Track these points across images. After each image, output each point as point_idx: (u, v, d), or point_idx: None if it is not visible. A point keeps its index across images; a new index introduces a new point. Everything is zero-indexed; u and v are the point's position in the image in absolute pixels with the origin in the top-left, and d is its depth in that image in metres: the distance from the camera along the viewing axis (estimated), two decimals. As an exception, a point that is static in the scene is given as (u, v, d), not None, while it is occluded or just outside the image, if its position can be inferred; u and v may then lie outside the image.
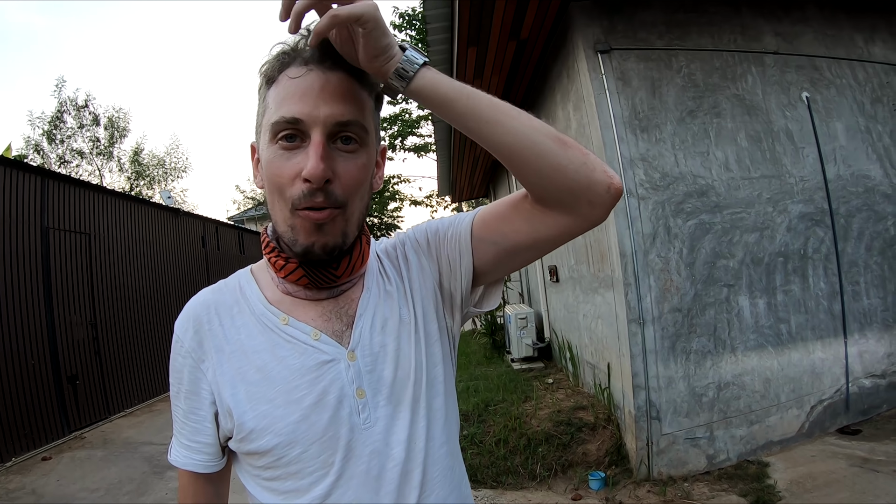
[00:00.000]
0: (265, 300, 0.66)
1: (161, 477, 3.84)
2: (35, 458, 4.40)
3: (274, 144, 0.59)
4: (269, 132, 0.59)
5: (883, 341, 3.54)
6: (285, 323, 0.64)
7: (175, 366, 0.66)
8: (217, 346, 0.64)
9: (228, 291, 0.68)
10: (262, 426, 0.60)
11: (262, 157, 0.62)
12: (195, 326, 0.65)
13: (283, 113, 0.57)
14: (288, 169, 0.58)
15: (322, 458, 0.60)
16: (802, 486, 2.77)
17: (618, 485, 3.00)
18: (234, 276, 0.71)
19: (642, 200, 3.04)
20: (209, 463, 0.66)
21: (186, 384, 0.65)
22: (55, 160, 15.05)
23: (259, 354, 0.63)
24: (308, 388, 0.61)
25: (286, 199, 0.58)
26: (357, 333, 0.65)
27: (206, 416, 0.64)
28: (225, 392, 0.62)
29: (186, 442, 0.66)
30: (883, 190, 3.65)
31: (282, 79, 0.59)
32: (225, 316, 0.65)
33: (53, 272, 4.97)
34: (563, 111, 3.85)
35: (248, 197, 22.12)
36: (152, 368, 6.49)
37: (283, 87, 0.59)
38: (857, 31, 3.80)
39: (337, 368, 0.62)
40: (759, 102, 3.37)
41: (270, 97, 0.60)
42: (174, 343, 0.66)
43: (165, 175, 17.67)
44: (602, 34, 3.14)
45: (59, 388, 4.88)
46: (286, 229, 0.60)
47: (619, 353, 3.18)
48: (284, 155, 0.58)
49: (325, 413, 0.60)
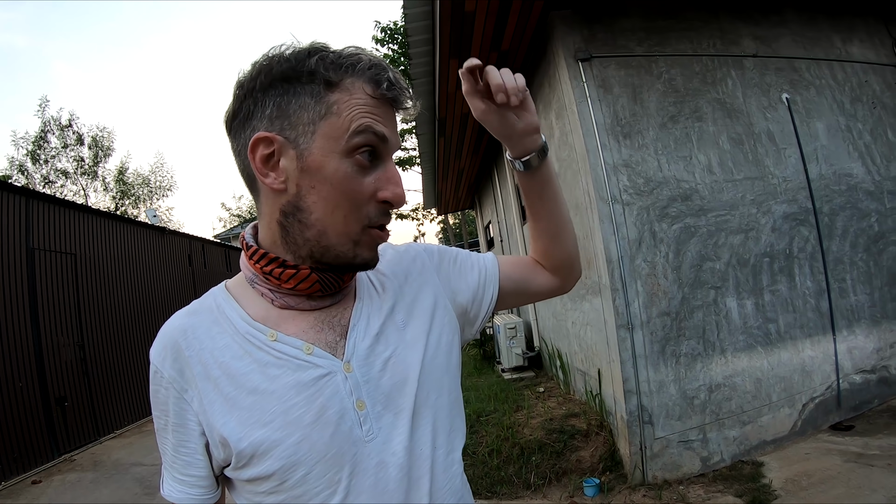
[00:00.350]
0: (248, 317, 0.62)
1: (152, 498, 3.79)
2: (25, 481, 4.33)
3: (350, 158, 0.57)
4: (346, 145, 0.56)
5: (871, 337, 3.57)
6: (273, 339, 0.60)
7: (158, 399, 0.61)
8: (202, 374, 0.59)
9: (205, 312, 0.64)
10: (262, 451, 0.57)
11: (322, 166, 0.57)
12: (174, 354, 0.60)
13: (374, 127, 0.57)
14: (367, 187, 0.58)
15: (328, 476, 0.57)
16: (798, 485, 2.78)
17: (613, 490, 2.99)
18: (208, 296, 0.67)
19: (627, 206, 3.06)
20: (205, 496, 0.63)
21: (172, 416, 0.61)
22: (39, 180, 14.98)
23: (248, 376, 0.58)
24: (306, 406, 0.58)
25: (360, 215, 0.58)
26: (352, 343, 0.62)
27: (196, 448, 0.61)
28: (216, 421, 0.58)
29: (180, 476, 0.62)
30: (865, 187, 3.69)
31: (354, 89, 0.57)
32: (205, 339, 0.61)
33: (39, 293, 4.92)
34: (545, 120, 3.87)
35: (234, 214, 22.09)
36: (141, 389, 6.43)
37: (365, 103, 0.57)
38: (834, 32, 3.86)
39: (334, 381, 0.59)
40: (740, 105, 3.40)
41: (338, 102, 0.56)
42: (153, 375, 0.61)
43: (150, 194, 17.65)
44: (582, 43, 3.16)
45: (48, 410, 4.82)
46: (346, 242, 0.59)
47: (608, 358, 3.18)
48: (361, 172, 0.58)
49: (327, 430, 0.58)
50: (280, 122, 0.57)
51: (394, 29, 12.33)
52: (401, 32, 11.89)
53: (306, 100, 0.57)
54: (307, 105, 0.57)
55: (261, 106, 0.58)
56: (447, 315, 0.71)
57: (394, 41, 12.37)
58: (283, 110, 0.57)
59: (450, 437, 0.66)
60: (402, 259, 0.75)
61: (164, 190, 18.00)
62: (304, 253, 0.60)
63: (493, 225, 8.49)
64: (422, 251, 0.77)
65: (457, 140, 5.86)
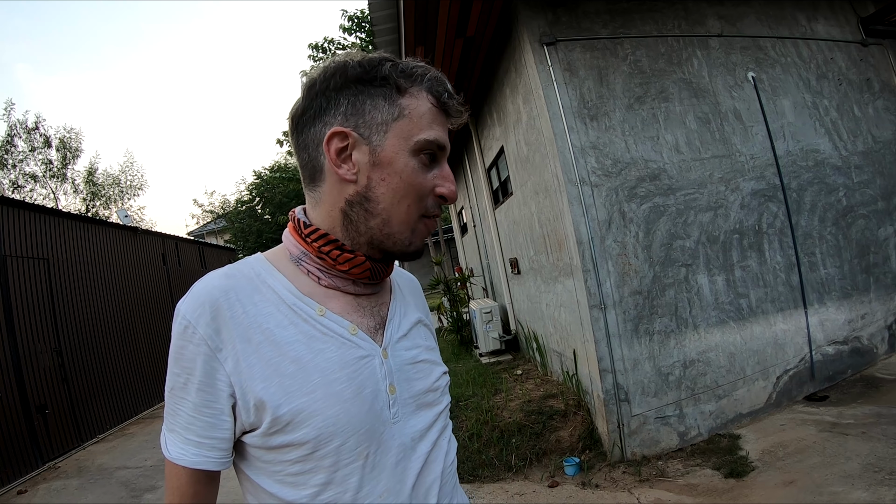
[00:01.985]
0: (295, 290, 0.65)
1: (139, 500, 3.76)
2: (10, 492, 4.27)
3: (415, 157, 0.64)
4: (414, 145, 0.64)
5: (842, 309, 3.64)
6: (322, 314, 0.64)
7: (183, 354, 0.60)
8: (242, 336, 0.60)
9: (243, 278, 0.64)
10: (300, 419, 0.59)
11: (392, 161, 0.64)
12: (212, 312, 0.60)
13: (438, 137, 0.65)
14: (428, 182, 0.66)
15: (358, 450, 0.61)
16: (774, 455, 2.83)
17: (593, 468, 3.03)
18: (244, 264, 0.68)
19: (595, 188, 3.08)
20: (223, 459, 0.62)
21: (199, 375, 0.59)
22: (8, 186, 14.67)
23: (293, 346, 0.61)
24: (347, 382, 0.62)
25: (420, 206, 0.66)
26: (389, 333, 0.70)
27: (223, 408, 0.60)
28: (254, 384, 0.59)
29: (197, 438, 0.60)
30: (833, 162, 3.76)
31: (420, 96, 0.65)
32: (247, 302, 0.62)
33: (14, 300, 4.84)
34: (513, 105, 3.88)
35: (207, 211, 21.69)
36: (121, 391, 6.37)
37: (429, 110, 0.65)
38: (798, 10, 3.91)
39: (372, 364, 0.65)
40: (706, 85, 3.44)
41: (409, 107, 0.64)
42: (182, 329, 0.60)
43: (122, 194, 17.29)
44: (547, 26, 3.17)
45: (29, 418, 4.75)
46: (405, 230, 0.66)
47: (583, 339, 3.21)
48: (424, 169, 0.65)
49: (363, 407, 0.62)
50: (355, 119, 0.64)
51: (361, 17, 12.36)
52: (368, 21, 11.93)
53: (380, 101, 0.64)
54: (380, 106, 0.64)
55: (334, 104, 0.64)
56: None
57: (361, 30, 12.40)
58: (358, 109, 0.64)
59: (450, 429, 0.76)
60: (418, 291, 0.86)
61: (136, 189, 17.67)
62: (362, 240, 0.66)
63: (465, 210, 8.52)
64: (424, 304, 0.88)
65: None
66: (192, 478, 0.61)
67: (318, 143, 0.65)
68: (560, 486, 2.93)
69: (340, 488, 0.60)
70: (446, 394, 0.76)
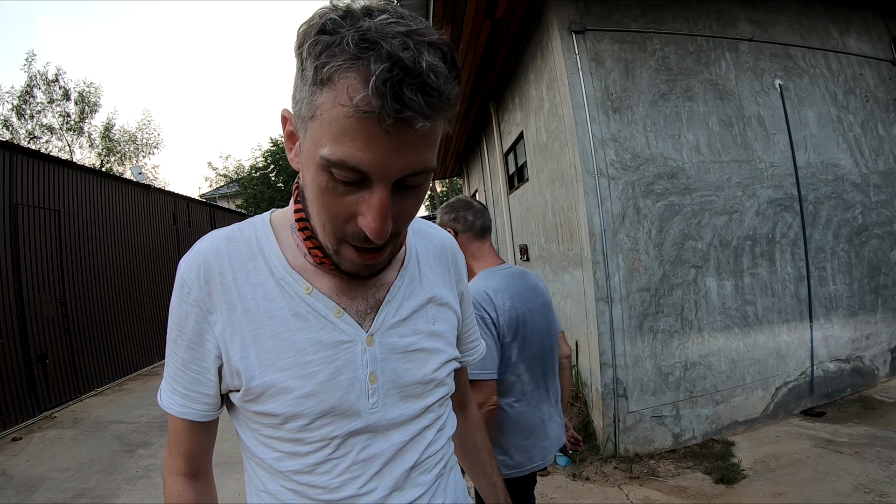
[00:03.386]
0: (286, 263, 0.62)
1: (131, 455, 3.80)
2: (5, 438, 4.33)
3: (325, 173, 0.49)
4: (321, 159, 0.48)
5: (848, 327, 3.62)
6: (308, 293, 0.61)
7: (178, 311, 0.61)
8: (229, 303, 0.60)
9: (244, 243, 0.63)
10: (270, 394, 0.59)
11: (306, 166, 0.52)
12: (206, 275, 0.60)
13: (343, 157, 0.46)
14: (343, 208, 0.51)
15: (323, 432, 0.60)
16: (766, 466, 2.82)
17: (584, 461, 3.03)
18: (249, 225, 0.65)
19: (612, 180, 3.06)
20: (207, 412, 0.64)
21: (190, 333, 0.61)
22: (24, 135, 14.70)
23: (275, 320, 0.60)
24: (322, 365, 0.60)
25: (336, 229, 0.54)
26: (380, 319, 0.64)
27: (208, 367, 0.61)
28: (234, 352, 0.59)
29: (183, 391, 0.63)
30: (852, 179, 3.72)
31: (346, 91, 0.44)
32: (239, 271, 0.61)
33: (22, 249, 4.87)
34: (536, 91, 3.86)
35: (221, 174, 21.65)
36: (122, 347, 6.41)
37: (345, 116, 0.45)
38: (831, 23, 3.86)
39: (353, 350, 0.61)
40: (732, 88, 3.40)
41: (325, 105, 0.46)
42: (179, 287, 0.61)
43: (136, 151, 17.29)
44: (577, 15, 3.14)
45: (29, 367, 4.80)
46: (329, 247, 0.57)
47: (586, 331, 3.21)
48: (338, 189, 0.50)
49: (335, 393, 0.60)
50: (294, 101, 0.51)
51: None
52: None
53: (303, 91, 0.48)
54: (302, 99, 0.49)
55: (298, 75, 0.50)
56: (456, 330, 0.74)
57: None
58: (294, 93, 0.51)
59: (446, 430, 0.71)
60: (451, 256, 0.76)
61: (151, 148, 17.71)
62: None
63: (479, 193, 8.50)
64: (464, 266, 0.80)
65: None
66: (187, 426, 0.65)
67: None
68: (550, 476, 2.94)
69: (302, 461, 0.61)
70: (445, 384, 0.69)
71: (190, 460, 0.67)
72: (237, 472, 3.07)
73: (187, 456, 0.67)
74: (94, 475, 3.48)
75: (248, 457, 0.67)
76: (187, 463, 0.67)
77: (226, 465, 3.21)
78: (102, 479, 3.41)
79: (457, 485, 0.74)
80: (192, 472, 0.67)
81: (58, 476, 3.50)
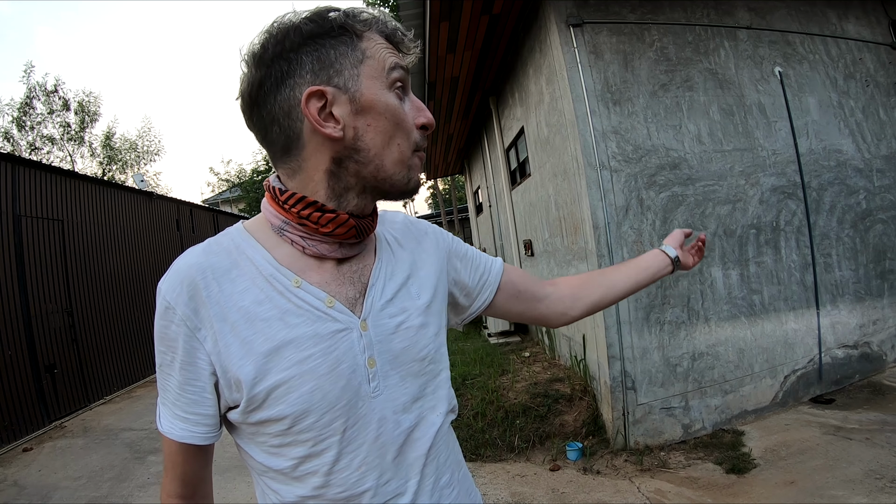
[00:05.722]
0: (273, 261, 0.63)
1: (142, 462, 3.81)
2: (16, 449, 4.34)
3: (391, 91, 0.63)
4: (388, 78, 0.62)
5: (855, 312, 3.61)
6: (297, 286, 0.62)
7: (166, 335, 0.61)
8: (219, 315, 0.60)
9: (223, 252, 0.63)
10: (275, 396, 0.59)
11: (374, 103, 0.61)
12: (190, 292, 0.60)
13: (399, 62, 0.63)
14: (409, 118, 0.64)
15: (334, 425, 0.61)
16: (777, 454, 2.82)
17: (595, 455, 3.03)
18: (224, 235, 0.66)
19: (615, 173, 3.06)
20: (208, 434, 0.64)
21: (181, 354, 0.61)
22: (26, 147, 14.72)
23: (268, 322, 0.60)
24: (322, 357, 0.60)
25: (411, 141, 0.64)
26: (370, 302, 0.66)
27: (204, 386, 0.61)
28: (231, 363, 0.59)
29: (182, 414, 0.63)
30: (855, 164, 3.70)
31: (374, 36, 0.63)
32: (224, 280, 0.61)
33: (27, 260, 4.89)
34: (535, 85, 3.85)
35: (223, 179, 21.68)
36: (130, 354, 6.43)
37: (385, 46, 0.63)
38: (830, 8, 3.84)
39: (350, 337, 0.62)
40: (732, 76, 3.39)
41: (368, 49, 0.62)
42: (163, 310, 0.61)
43: (138, 159, 17.31)
44: (574, 8, 3.13)
45: (38, 377, 4.82)
46: (401, 169, 0.64)
47: (593, 324, 3.20)
48: (401, 105, 0.63)
49: (339, 382, 0.61)
50: (325, 74, 0.60)
51: None
52: None
53: (344, 49, 0.61)
54: (346, 53, 0.61)
55: (297, 65, 0.59)
56: (444, 297, 0.77)
57: (384, 3, 12.32)
58: (325, 63, 0.60)
59: (446, 401, 0.71)
60: (415, 230, 0.79)
61: (152, 155, 17.70)
62: (352, 194, 0.64)
63: (482, 190, 8.49)
64: (437, 230, 0.82)
65: (446, 104, 5.83)
66: (181, 449, 0.65)
67: (291, 110, 0.60)
68: (561, 470, 2.94)
69: (318, 461, 0.61)
70: (437, 361, 0.71)
71: (187, 483, 0.67)
72: (247, 474, 3.08)
73: (183, 479, 0.67)
74: (105, 483, 3.49)
75: (260, 472, 0.66)
76: (184, 486, 0.67)
77: (236, 470, 3.22)
78: (114, 486, 3.43)
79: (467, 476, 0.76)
80: (188, 494, 0.68)
81: (70, 485, 3.51)
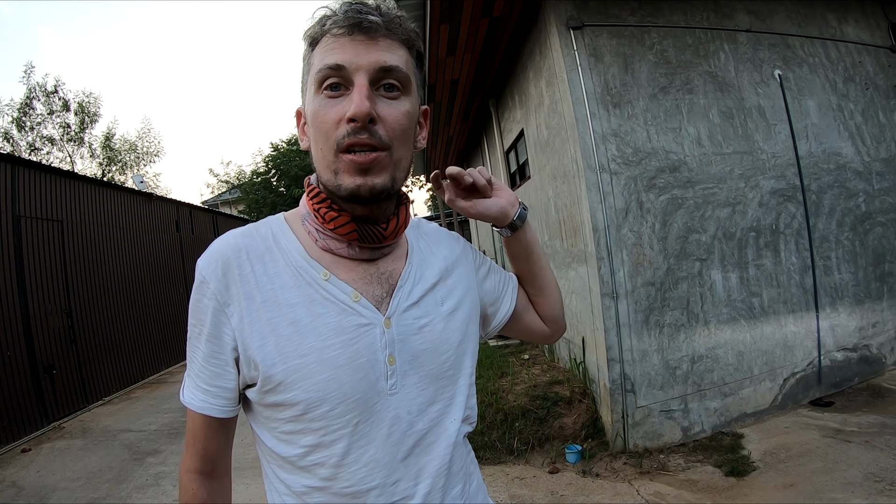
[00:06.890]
0: (304, 252, 0.65)
1: (141, 463, 3.80)
2: (14, 450, 4.33)
3: (319, 95, 0.61)
4: (315, 84, 0.61)
5: (854, 315, 3.61)
6: (326, 279, 0.64)
7: (198, 307, 0.64)
8: (247, 293, 0.62)
9: (260, 238, 0.66)
10: (292, 380, 0.60)
11: (307, 112, 0.64)
12: (224, 269, 0.63)
13: (326, 61, 0.60)
14: (333, 114, 0.60)
15: (347, 417, 0.61)
16: (776, 457, 2.82)
17: (594, 457, 3.03)
18: (264, 224, 0.69)
19: (615, 175, 3.06)
20: (227, 408, 0.65)
21: (209, 327, 0.63)
22: (25, 147, 14.72)
23: (293, 308, 0.62)
24: (342, 349, 0.61)
25: (330, 142, 0.60)
26: (396, 302, 0.66)
27: (227, 360, 0.63)
28: (252, 342, 0.61)
29: (204, 386, 0.65)
30: (854, 167, 3.71)
31: (325, 38, 0.61)
32: (257, 262, 0.64)
33: (26, 261, 4.88)
34: (535, 88, 3.86)
35: (222, 180, 21.70)
36: (129, 355, 6.42)
37: (326, 44, 0.61)
38: (829, 11, 3.85)
39: (372, 333, 0.63)
40: (732, 79, 3.40)
41: (315, 57, 0.62)
42: (198, 283, 0.64)
43: (138, 160, 17.31)
44: (574, 11, 3.14)
45: (36, 378, 4.81)
46: (329, 175, 0.61)
47: (592, 327, 3.20)
48: (329, 102, 0.60)
49: (356, 375, 0.61)
50: (301, 91, 0.67)
51: None
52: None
53: (305, 65, 0.64)
54: (304, 68, 0.64)
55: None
56: (473, 309, 0.76)
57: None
58: (302, 79, 0.66)
59: (463, 409, 0.70)
60: (448, 241, 0.80)
61: (152, 156, 17.69)
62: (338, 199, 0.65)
63: None
64: (467, 245, 0.84)
65: (446, 107, 5.83)
66: (204, 423, 0.67)
67: None
68: (560, 473, 2.94)
69: (327, 452, 0.61)
70: (457, 368, 0.70)
71: (206, 459, 0.68)
72: (247, 476, 3.07)
73: (203, 454, 0.68)
74: (104, 484, 3.49)
75: (268, 460, 0.67)
76: (203, 461, 0.68)
77: (235, 471, 3.21)
78: (113, 487, 3.42)
79: (480, 482, 0.77)
80: (207, 470, 0.69)
81: (68, 486, 3.50)
